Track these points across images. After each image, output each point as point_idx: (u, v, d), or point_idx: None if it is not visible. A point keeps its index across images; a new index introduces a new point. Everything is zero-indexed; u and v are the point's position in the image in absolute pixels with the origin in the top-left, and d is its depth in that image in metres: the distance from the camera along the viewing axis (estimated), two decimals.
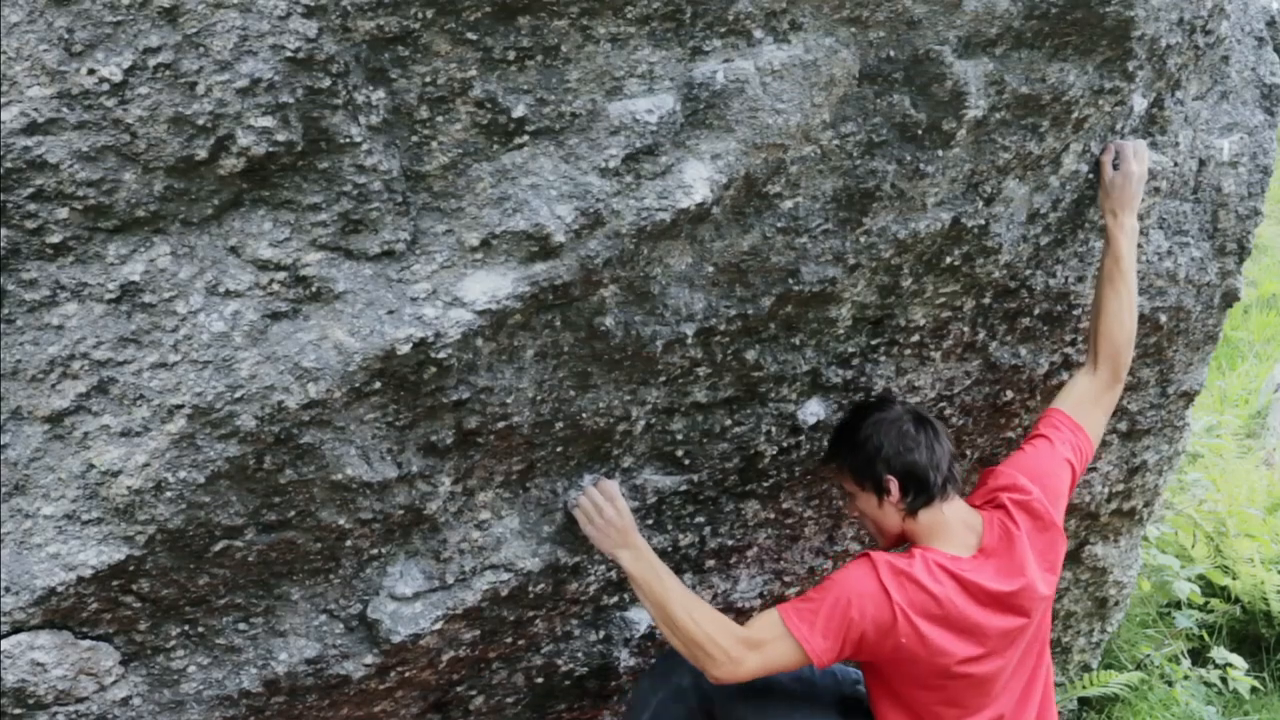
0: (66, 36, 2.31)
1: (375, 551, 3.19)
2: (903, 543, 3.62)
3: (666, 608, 3.41)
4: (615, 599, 3.96)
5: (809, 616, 3.36)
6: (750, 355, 3.45)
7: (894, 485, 3.48)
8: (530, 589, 3.57)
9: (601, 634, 4.06)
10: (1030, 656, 3.63)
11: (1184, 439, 5.42)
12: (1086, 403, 3.86)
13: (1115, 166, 3.70)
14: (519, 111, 2.65)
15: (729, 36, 2.77)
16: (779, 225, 3.14)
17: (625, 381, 3.26)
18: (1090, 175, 3.75)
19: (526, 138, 2.69)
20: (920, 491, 3.49)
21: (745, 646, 3.37)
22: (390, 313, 2.71)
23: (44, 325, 2.54)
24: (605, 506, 3.42)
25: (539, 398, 3.11)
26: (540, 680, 4.00)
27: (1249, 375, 9.45)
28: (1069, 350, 4.32)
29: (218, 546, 2.89)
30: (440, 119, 2.61)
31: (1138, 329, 3.86)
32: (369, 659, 3.34)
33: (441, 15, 2.49)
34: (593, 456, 3.44)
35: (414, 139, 2.62)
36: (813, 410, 3.80)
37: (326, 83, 2.46)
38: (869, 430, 3.53)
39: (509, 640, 3.74)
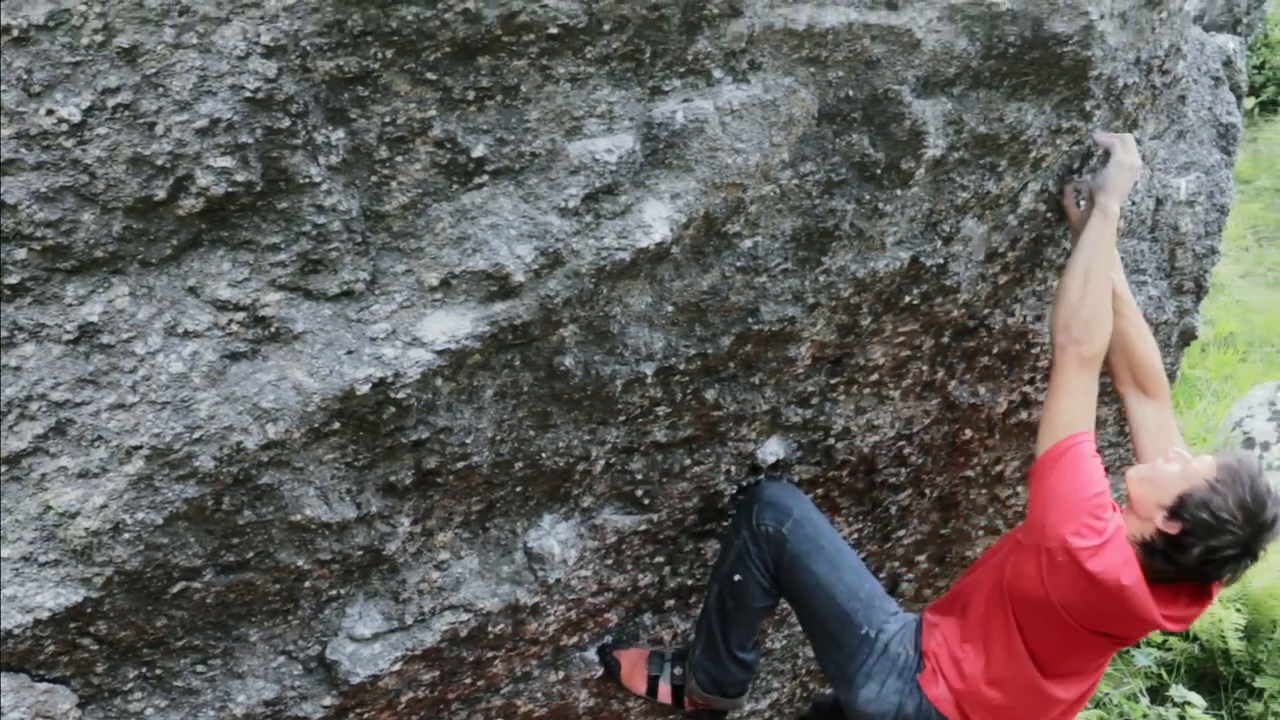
0: (25, 77, 2.30)
1: (334, 592, 3.18)
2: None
3: (1085, 269, 3.56)
4: (575, 639, 3.95)
5: (1068, 470, 3.38)
6: (710, 394, 3.46)
7: (1165, 536, 3.27)
8: (489, 629, 3.55)
9: (561, 674, 4.04)
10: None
11: None
12: (1163, 430, 3.75)
13: (1077, 205, 3.69)
14: (478, 151, 2.65)
15: (688, 76, 2.78)
16: (738, 264, 3.15)
17: (585, 421, 3.26)
18: (1058, 196, 3.73)
19: (486, 177, 2.69)
20: (1156, 578, 3.32)
21: (1080, 362, 3.51)
22: (349, 353, 2.70)
23: (1, 366, 2.52)
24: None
25: (498, 437, 3.11)
26: None
27: (1206, 413, 9.52)
28: (1027, 389, 4.34)
29: (176, 588, 2.87)
30: (400, 159, 2.61)
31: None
32: (328, 700, 3.32)
33: (401, 55, 2.49)
34: (552, 496, 3.43)
35: (373, 179, 2.62)
36: (772, 449, 3.81)
37: (286, 123, 2.46)
38: (1230, 517, 3.17)
39: (468, 681, 3.72)
